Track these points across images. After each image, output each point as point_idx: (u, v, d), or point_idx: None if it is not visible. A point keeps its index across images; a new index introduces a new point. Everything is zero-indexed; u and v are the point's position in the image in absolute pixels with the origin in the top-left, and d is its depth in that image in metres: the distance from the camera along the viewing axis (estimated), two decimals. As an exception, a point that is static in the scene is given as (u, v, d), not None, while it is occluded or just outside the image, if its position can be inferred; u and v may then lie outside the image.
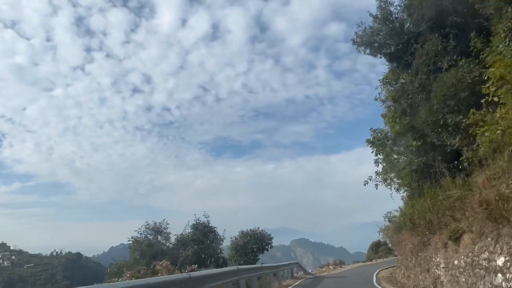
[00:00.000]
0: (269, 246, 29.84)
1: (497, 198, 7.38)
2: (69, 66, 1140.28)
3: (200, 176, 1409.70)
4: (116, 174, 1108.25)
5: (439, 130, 12.55)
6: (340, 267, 43.28)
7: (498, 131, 8.62)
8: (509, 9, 10.23)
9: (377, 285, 18.67)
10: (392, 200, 19.25)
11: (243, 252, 28.37)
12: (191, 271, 12.98)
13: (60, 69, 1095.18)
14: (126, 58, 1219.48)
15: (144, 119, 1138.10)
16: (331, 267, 42.61)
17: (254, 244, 28.79)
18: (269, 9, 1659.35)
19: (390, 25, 16.19)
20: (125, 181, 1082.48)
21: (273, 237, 30.66)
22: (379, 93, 18.26)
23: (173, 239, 24.67)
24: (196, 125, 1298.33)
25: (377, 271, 27.93)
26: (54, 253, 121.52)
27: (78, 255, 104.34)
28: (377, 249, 76.50)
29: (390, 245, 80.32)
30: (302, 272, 31.96)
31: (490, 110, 9.43)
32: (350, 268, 40.36)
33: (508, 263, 6.66)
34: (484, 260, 7.65)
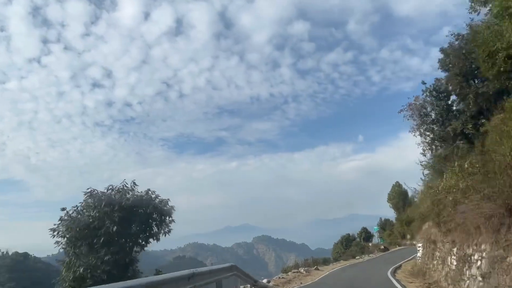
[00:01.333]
0: (163, 227, 19.72)
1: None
2: (24, 58, 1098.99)
3: (161, 173, 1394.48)
4: (74, 171, 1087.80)
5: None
6: (316, 269, 32.68)
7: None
8: None
9: None
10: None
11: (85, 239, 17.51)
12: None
13: (15, 60, 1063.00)
14: (85, 51, 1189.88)
15: (105, 115, 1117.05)
16: (302, 270, 30.52)
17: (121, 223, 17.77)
18: (234, 5, 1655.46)
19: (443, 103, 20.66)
20: (84, 178, 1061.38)
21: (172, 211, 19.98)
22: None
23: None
24: (158, 122, 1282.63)
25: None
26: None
27: (25, 255, 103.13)
28: (348, 244, 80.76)
29: (377, 240, 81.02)
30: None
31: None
32: (333, 272, 29.27)
33: None
34: None
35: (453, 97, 21.01)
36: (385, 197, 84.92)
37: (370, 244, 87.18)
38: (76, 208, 18.46)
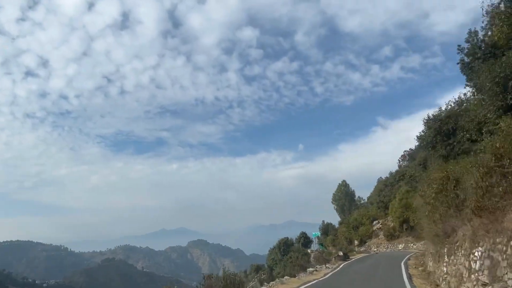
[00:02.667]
0: None
1: None
2: None
3: (96, 171, 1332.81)
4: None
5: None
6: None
7: None
8: None
9: None
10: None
11: None
12: None
13: None
14: (20, 37, 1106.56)
15: (37, 106, 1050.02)
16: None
17: None
18: (184, 5, 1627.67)
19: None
20: (8, 172, 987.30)
21: None
22: None
23: None
24: (96, 117, 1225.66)
25: None
26: None
27: None
28: (286, 250, 71.10)
29: (315, 247, 70.62)
30: None
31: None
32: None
33: None
34: None
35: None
36: (324, 205, 78.27)
37: (310, 251, 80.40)
38: None
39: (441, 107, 27.99)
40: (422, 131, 29.58)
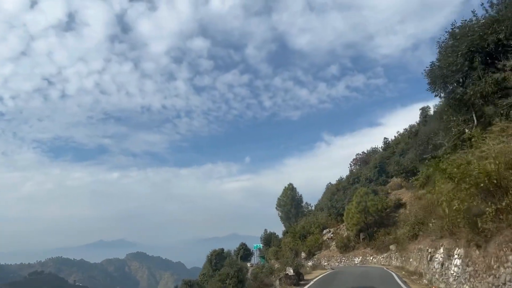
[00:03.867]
0: None
1: None
2: None
3: (30, 178, 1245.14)
4: None
5: None
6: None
7: None
8: None
9: None
10: None
11: None
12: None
13: None
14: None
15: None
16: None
17: None
18: (134, 10, 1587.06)
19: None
20: None
21: None
22: None
23: None
24: (33, 121, 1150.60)
25: None
26: None
27: None
28: (219, 263, 58.87)
29: (256, 260, 58.66)
30: None
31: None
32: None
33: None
34: None
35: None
36: (268, 219, 67.55)
37: (249, 264, 69.56)
38: None
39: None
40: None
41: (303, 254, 50.46)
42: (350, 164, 62.50)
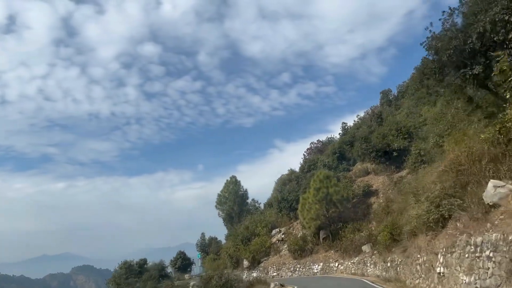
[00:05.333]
0: None
1: None
2: None
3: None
4: None
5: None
6: None
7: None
8: None
9: None
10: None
11: None
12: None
13: None
14: None
15: None
16: None
17: None
18: (81, 13, 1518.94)
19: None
20: None
21: None
22: None
23: None
24: None
25: None
26: None
27: None
28: (136, 276, 49.62)
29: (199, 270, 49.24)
30: None
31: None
32: None
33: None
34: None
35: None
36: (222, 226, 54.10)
37: (187, 276, 55.78)
38: None
39: None
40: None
41: (245, 262, 37.52)
42: (303, 154, 50.70)
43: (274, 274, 34.73)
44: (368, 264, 25.88)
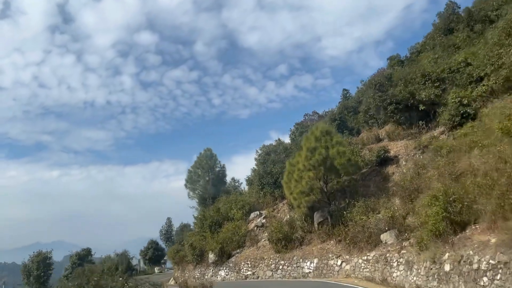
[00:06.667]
0: None
1: None
2: None
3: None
4: None
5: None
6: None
7: None
8: None
9: None
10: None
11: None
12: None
13: None
14: None
15: None
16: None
17: None
18: (77, 0, 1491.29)
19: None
20: None
21: None
22: None
23: None
24: None
25: None
26: None
27: None
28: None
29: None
30: None
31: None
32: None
33: None
34: None
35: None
36: None
37: (157, 270, 46.25)
38: None
39: None
40: None
41: (211, 256, 26.74)
42: (289, 133, 39.49)
43: (248, 273, 23.96)
44: (394, 264, 15.21)
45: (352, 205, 19.99)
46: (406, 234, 16.48)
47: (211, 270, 26.90)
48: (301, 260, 21.17)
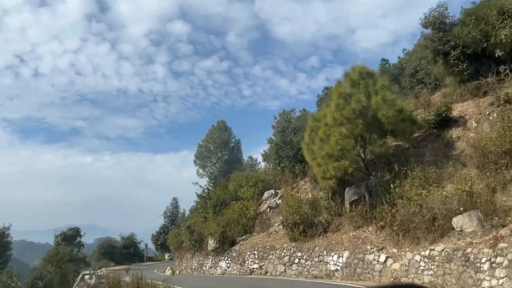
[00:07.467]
0: None
1: None
2: None
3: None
4: None
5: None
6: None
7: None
8: None
9: None
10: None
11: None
12: None
13: None
14: None
15: None
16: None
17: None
18: None
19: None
20: None
21: None
22: None
23: None
24: (2, 99, 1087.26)
25: None
26: None
27: None
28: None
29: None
30: None
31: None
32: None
33: None
34: None
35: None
36: None
37: (167, 256, 42.23)
38: None
39: None
40: None
41: (210, 242, 20.98)
42: (324, 90, 32.92)
43: (254, 266, 18.06)
44: (484, 267, 8.88)
45: (402, 177, 13.61)
46: (496, 218, 10.12)
47: (210, 260, 21.15)
48: (325, 253, 15.00)
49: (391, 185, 13.38)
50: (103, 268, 23.67)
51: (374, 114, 13.80)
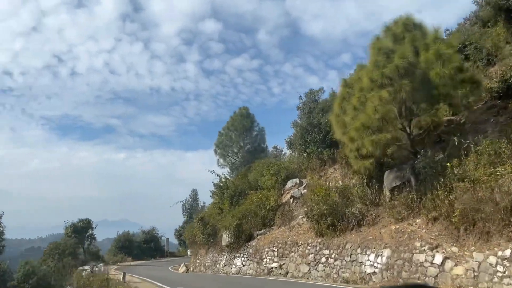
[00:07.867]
0: None
1: None
2: None
3: (38, 155, 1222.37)
4: None
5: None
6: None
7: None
8: None
9: None
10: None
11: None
12: None
13: None
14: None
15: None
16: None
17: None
18: None
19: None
20: None
21: None
22: None
23: None
24: (42, 98, 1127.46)
25: None
26: None
27: None
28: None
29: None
30: None
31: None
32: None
33: None
34: None
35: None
36: None
37: (189, 252, 39.66)
38: None
39: None
40: None
41: (224, 237, 18.33)
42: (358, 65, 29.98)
43: (273, 265, 15.26)
44: None
45: (463, 154, 10.43)
46: None
47: (224, 256, 18.51)
48: (359, 251, 12.00)
49: (448, 164, 10.20)
50: (101, 264, 21.57)
51: (424, 74, 10.66)
